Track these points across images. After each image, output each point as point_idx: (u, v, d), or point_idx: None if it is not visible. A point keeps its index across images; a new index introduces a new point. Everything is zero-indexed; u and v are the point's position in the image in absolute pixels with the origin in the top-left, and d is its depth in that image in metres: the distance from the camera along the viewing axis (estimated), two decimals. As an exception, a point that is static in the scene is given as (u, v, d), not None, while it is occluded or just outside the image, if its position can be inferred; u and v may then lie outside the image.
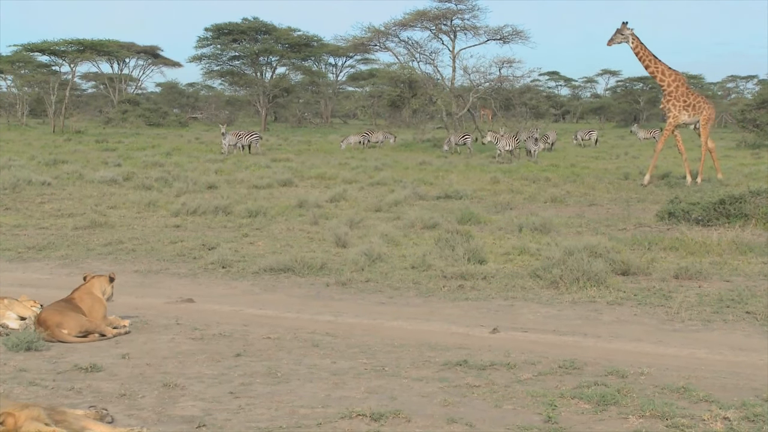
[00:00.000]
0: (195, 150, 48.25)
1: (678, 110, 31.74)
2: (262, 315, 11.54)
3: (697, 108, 31.80)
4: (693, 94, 32.24)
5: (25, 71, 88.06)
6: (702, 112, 31.79)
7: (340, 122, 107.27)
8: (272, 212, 21.32)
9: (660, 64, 31.90)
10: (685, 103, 31.77)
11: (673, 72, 32.08)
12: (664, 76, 31.91)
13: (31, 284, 13.30)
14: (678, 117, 31.67)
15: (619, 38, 32.77)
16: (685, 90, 31.96)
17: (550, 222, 18.93)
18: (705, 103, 32.17)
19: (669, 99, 32.08)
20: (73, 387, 8.15)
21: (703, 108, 31.85)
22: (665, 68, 32.00)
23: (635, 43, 32.24)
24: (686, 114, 31.73)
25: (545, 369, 8.89)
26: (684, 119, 31.87)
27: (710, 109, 32.14)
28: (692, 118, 31.90)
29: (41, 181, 27.06)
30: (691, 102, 31.81)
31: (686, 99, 31.80)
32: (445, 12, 61.85)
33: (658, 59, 32.02)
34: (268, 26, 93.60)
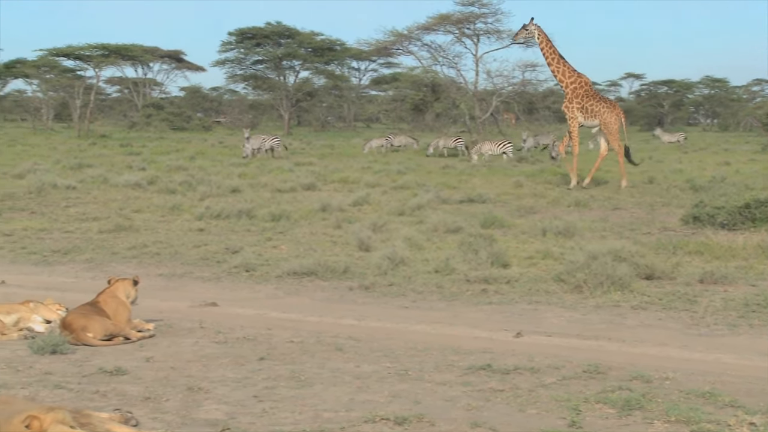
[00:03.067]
0: (219, 154, 48.40)
1: (573, 113, 31.83)
2: (285, 318, 11.55)
3: (592, 112, 31.79)
4: (593, 98, 32.11)
5: (50, 76, 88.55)
6: (600, 117, 31.75)
7: (363, 126, 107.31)
8: (295, 216, 21.34)
9: (562, 65, 31.96)
10: (579, 106, 31.82)
11: (574, 74, 32.10)
12: (563, 77, 32.01)
13: (56, 288, 13.36)
14: (576, 118, 31.74)
15: (523, 33, 33.35)
16: (584, 93, 31.95)
17: (574, 226, 18.87)
18: (605, 107, 31.97)
19: (565, 101, 32.39)
20: (98, 390, 8.18)
21: (602, 113, 31.70)
22: (567, 69, 32.03)
23: (540, 39, 32.52)
24: (581, 116, 31.73)
25: (569, 373, 8.87)
26: (580, 122, 31.92)
27: (610, 114, 31.78)
28: (589, 121, 32.00)
29: (66, 185, 27.19)
30: (586, 105, 31.83)
31: (581, 102, 31.84)
32: (468, 16, 61.74)
33: (563, 59, 32.12)
34: (292, 30, 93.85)
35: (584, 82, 32.10)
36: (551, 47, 32.27)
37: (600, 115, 31.72)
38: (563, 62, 32.21)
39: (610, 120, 31.74)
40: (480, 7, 61.87)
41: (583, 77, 32.32)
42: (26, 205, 23.61)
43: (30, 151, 47.51)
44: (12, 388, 8.20)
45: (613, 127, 31.78)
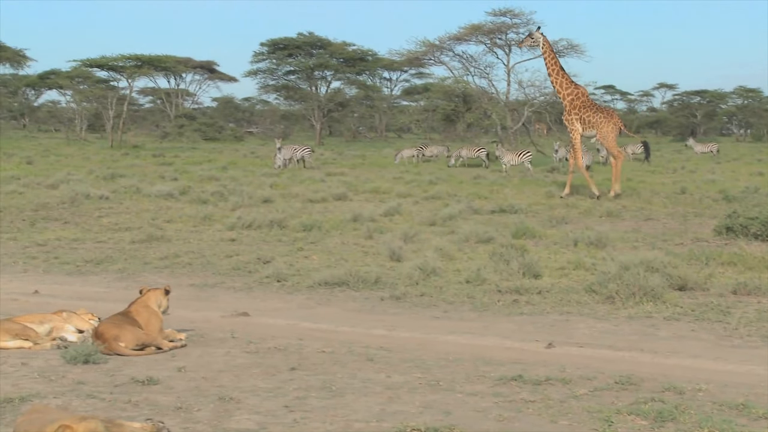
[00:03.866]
0: (250, 164, 48.56)
1: (573, 124, 32.15)
2: (316, 329, 11.56)
3: (589, 123, 31.99)
4: (590, 109, 32.27)
5: (84, 86, 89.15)
6: (597, 128, 31.93)
7: (395, 136, 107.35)
8: (327, 226, 21.37)
9: (561, 77, 32.35)
10: (578, 117, 32.05)
11: (572, 85, 32.50)
12: (561, 89, 32.41)
13: (89, 297, 13.44)
14: (577, 129, 31.93)
15: (529, 41, 33.86)
16: (581, 104, 32.18)
17: (606, 236, 18.79)
18: (602, 117, 32.12)
19: (564, 114, 32.70)
20: (130, 400, 8.21)
21: (599, 123, 31.88)
22: (564, 81, 32.42)
23: (544, 49, 32.84)
24: (581, 127, 31.89)
25: (601, 384, 8.82)
26: (580, 132, 32.11)
27: (607, 124, 31.91)
28: (587, 132, 32.16)
29: (99, 195, 27.36)
30: (584, 116, 32.04)
31: (579, 113, 32.06)
32: (500, 26, 61.80)
33: (563, 71, 32.61)
34: (323, 41, 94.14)
35: (581, 93, 32.50)
36: (554, 58, 32.71)
37: (597, 125, 31.97)
38: (562, 74, 32.71)
39: (606, 129, 31.94)
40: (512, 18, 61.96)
41: (580, 88, 32.81)
42: (60, 215, 23.78)
43: (63, 162, 47.88)
44: (45, 397, 8.25)
45: (610, 136, 32.01)
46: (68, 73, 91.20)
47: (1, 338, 10.00)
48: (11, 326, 10.14)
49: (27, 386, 8.59)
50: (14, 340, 10.03)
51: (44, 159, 50.11)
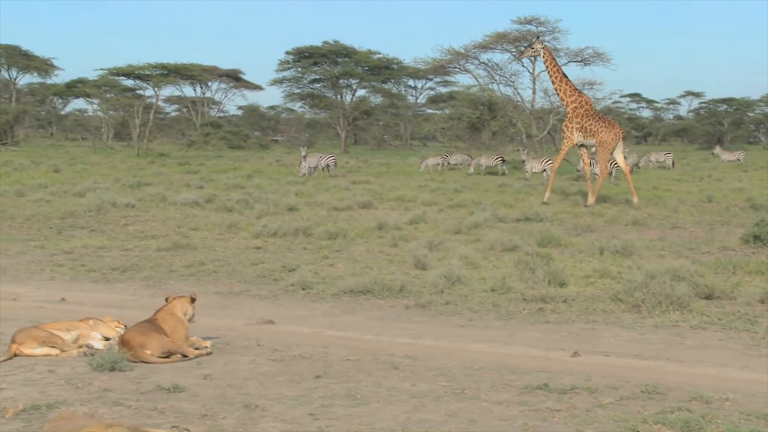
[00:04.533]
0: (276, 172, 48.68)
1: (571, 131, 32.37)
2: (341, 337, 11.56)
3: (590, 131, 32.07)
4: (592, 118, 32.34)
5: (110, 95, 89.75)
6: (597, 136, 31.99)
7: (420, 144, 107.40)
8: (352, 234, 21.38)
9: (565, 84, 32.56)
10: (579, 125, 32.20)
11: (575, 93, 32.67)
12: (565, 96, 32.60)
13: (115, 305, 13.49)
14: (571, 138, 31.98)
15: (530, 51, 34.22)
16: (584, 112, 32.31)
17: (632, 245, 18.71)
18: (603, 126, 32.15)
19: (566, 120, 32.88)
20: (156, 407, 8.23)
21: (599, 132, 31.94)
22: (568, 89, 32.64)
23: (546, 58, 33.12)
24: (580, 135, 32.20)
25: (627, 393, 8.78)
26: (578, 140, 32.35)
27: (608, 133, 31.93)
28: (587, 140, 32.28)
29: (125, 203, 27.49)
30: (585, 125, 32.14)
31: (581, 121, 32.21)
32: (526, 34, 61.77)
33: (566, 78, 32.85)
34: (349, 49, 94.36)
35: (585, 102, 32.70)
36: (556, 66, 32.96)
37: (597, 134, 32.05)
38: (566, 81, 32.93)
39: (607, 139, 31.98)
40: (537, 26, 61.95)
41: (583, 96, 33.04)
42: (86, 223, 23.90)
43: (90, 170, 48.13)
44: (72, 404, 8.28)
45: (608, 146, 32.05)
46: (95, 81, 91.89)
47: (29, 346, 10.05)
48: (38, 334, 10.19)
49: (54, 393, 8.63)
50: (41, 348, 10.08)
51: (71, 167, 50.38)
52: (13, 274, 16.44)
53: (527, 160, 45.96)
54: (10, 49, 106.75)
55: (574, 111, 32.24)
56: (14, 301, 13.75)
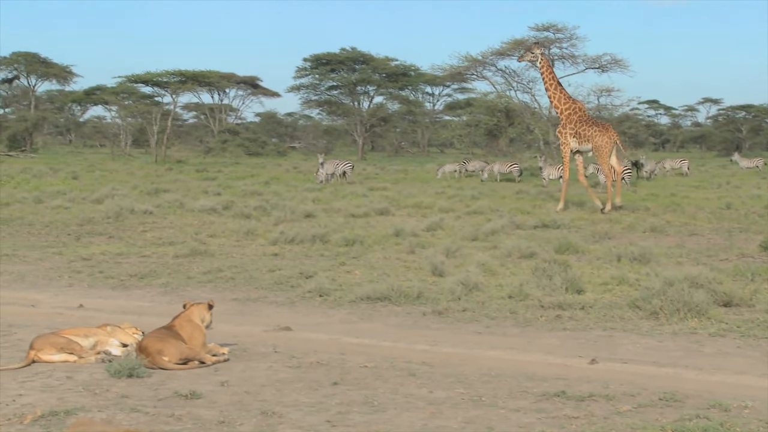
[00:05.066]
0: (293, 179, 48.77)
1: (565, 137, 32.53)
2: (358, 343, 11.55)
3: (585, 137, 32.21)
4: (586, 123, 32.46)
5: (128, 102, 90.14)
6: (592, 141, 32.15)
7: (437, 151, 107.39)
8: (369, 241, 21.37)
9: (558, 91, 32.92)
10: (573, 132, 32.37)
11: (569, 100, 33.01)
12: (558, 103, 32.86)
13: (133, 311, 13.52)
14: (568, 144, 32.30)
15: (528, 56, 34.45)
16: (577, 118, 32.47)
17: (650, 252, 18.65)
18: (598, 131, 32.27)
19: (559, 127, 33.01)
20: (174, 414, 8.25)
21: (594, 136, 32.09)
22: (562, 96, 33.00)
23: (542, 64, 33.53)
24: (575, 141, 32.35)
25: (645, 401, 8.75)
26: (574, 147, 32.50)
27: (602, 137, 32.08)
28: (582, 146, 32.42)
29: (143, 209, 27.56)
30: (579, 131, 32.28)
31: (575, 127, 32.37)
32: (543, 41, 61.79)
33: (560, 85, 33.31)
34: (366, 56, 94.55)
35: (578, 108, 33.00)
36: (551, 73, 33.34)
37: (592, 139, 32.21)
38: (560, 89, 33.28)
39: (601, 143, 32.10)
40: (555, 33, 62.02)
41: (577, 103, 33.33)
42: (104, 229, 23.97)
43: (108, 177, 48.31)
44: (89, 410, 8.31)
45: (604, 150, 32.15)
46: (113, 88, 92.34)
47: (47, 352, 10.09)
48: (56, 340, 10.23)
49: (72, 400, 8.66)
50: (59, 354, 10.12)
51: (89, 174, 50.58)
52: (31, 281, 16.50)
53: (544, 166, 45.93)
54: (30, 56, 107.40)
55: (568, 117, 32.48)
56: (33, 308, 13.80)
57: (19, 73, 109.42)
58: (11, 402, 8.56)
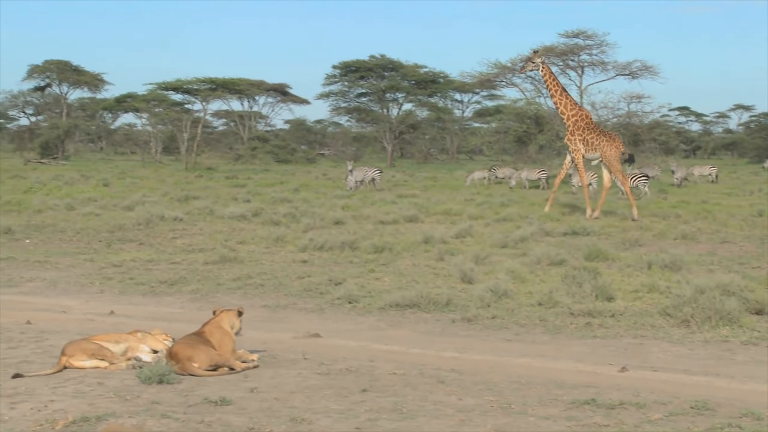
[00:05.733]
0: (322, 186, 48.82)
1: (575, 144, 32.62)
2: (387, 350, 11.55)
3: (593, 145, 32.35)
4: (593, 132, 32.60)
5: (159, 109, 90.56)
6: (600, 150, 32.32)
7: (466, 158, 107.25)
8: (398, 248, 21.36)
9: (564, 98, 32.98)
10: (581, 138, 32.48)
11: (575, 107, 33.13)
12: (565, 110, 32.88)
13: (163, 318, 13.58)
14: (579, 150, 32.57)
15: (530, 66, 34.47)
16: (584, 125, 32.56)
17: (681, 259, 18.54)
18: (606, 141, 32.42)
19: (567, 134, 33.03)
20: (203, 420, 8.27)
21: (602, 146, 32.26)
22: (569, 102, 33.04)
23: (544, 72, 33.45)
24: (583, 149, 32.45)
25: (676, 409, 8.70)
26: (583, 154, 32.63)
27: (610, 147, 32.28)
28: (590, 154, 32.56)
29: (173, 216, 27.68)
30: (587, 138, 32.40)
31: (582, 134, 32.46)
32: (573, 47, 61.63)
33: (565, 92, 33.43)
34: (395, 63, 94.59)
35: (585, 115, 33.17)
36: (555, 80, 33.48)
37: (600, 149, 32.39)
38: (566, 95, 33.34)
39: (610, 153, 32.33)
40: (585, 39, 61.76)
41: (583, 110, 33.54)
42: (135, 236, 24.09)
43: (139, 184, 48.55)
44: (120, 416, 8.34)
45: (614, 159, 32.40)
46: (144, 96, 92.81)
47: (79, 358, 10.14)
48: (88, 346, 10.28)
49: (103, 406, 8.70)
50: (90, 360, 10.17)
51: (120, 181, 50.87)
52: (63, 287, 16.60)
53: (574, 173, 45.75)
54: (62, 64, 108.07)
55: (576, 124, 32.61)
56: (64, 314, 13.89)
57: (52, 81, 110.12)
58: (43, 407, 8.61)
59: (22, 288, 16.55)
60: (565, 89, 33.40)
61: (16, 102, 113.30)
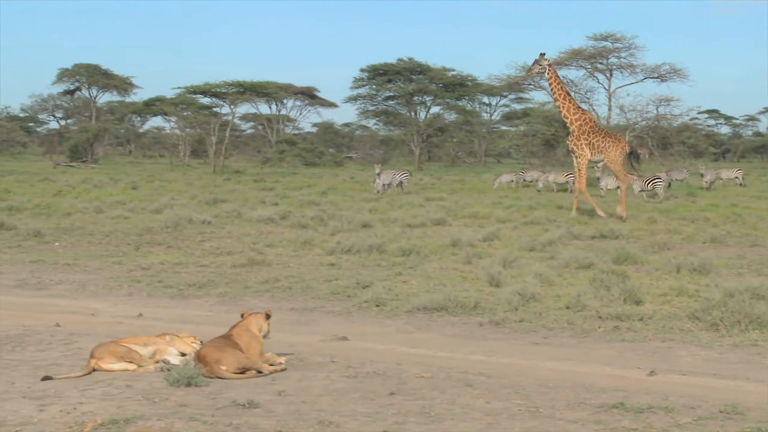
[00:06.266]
0: (350, 189, 48.86)
1: (581, 148, 32.80)
2: (415, 354, 11.55)
3: (598, 148, 32.64)
4: (598, 135, 32.90)
5: (187, 113, 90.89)
6: (605, 152, 32.63)
7: (494, 161, 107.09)
8: (425, 251, 21.35)
9: (568, 102, 33.31)
10: (587, 142, 32.66)
11: (579, 110, 33.37)
12: (569, 113, 33.13)
13: (191, 321, 13.62)
14: (585, 155, 32.77)
15: (536, 68, 34.61)
16: (589, 129, 32.81)
17: (710, 263, 18.44)
18: (611, 142, 32.74)
19: (572, 138, 33.18)
20: (231, 423, 8.29)
21: (608, 148, 32.58)
22: (572, 106, 33.41)
23: (550, 74, 33.64)
24: (588, 152, 32.64)
25: (705, 413, 8.65)
26: (588, 157, 32.79)
27: (615, 149, 32.63)
28: (595, 156, 32.82)
29: (201, 219, 27.76)
30: (593, 141, 32.63)
31: (588, 137, 32.66)
32: (601, 51, 61.39)
33: (569, 96, 33.74)
34: (423, 66, 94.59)
35: (589, 119, 33.51)
36: (559, 83, 33.75)
37: (605, 151, 32.70)
38: (569, 99, 33.68)
39: (614, 154, 32.76)
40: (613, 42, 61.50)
41: (587, 114, 33.76)
42: (163, 239, 24.18)
43: (167, 187, 48.74)
44: (149, 419, 8.38)
45: (617, 160, 32.84)
46: (173, 99, 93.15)
47: (107, 360, 10.19)
48: (116, 349, 10.33)
49: (131, 408, 8.74)
50: (119, 363, 10.22)
51: (149, 184, 51.08)
52: (92, 290, 16.69)
53: (602, 176, 45.62)
54: (91, 68, 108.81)
55: (580, 128, 32.94)
56: (93, 317, 13.96)
57: (81, 85, 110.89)
58: (72, 410, 8.66)
59: (51, 291, 16.66)
60: (569, 93, 33.66)
61: (46, 106, 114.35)
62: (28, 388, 9.46)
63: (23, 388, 9.46)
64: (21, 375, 10.02)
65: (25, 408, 8.72)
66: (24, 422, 8.29)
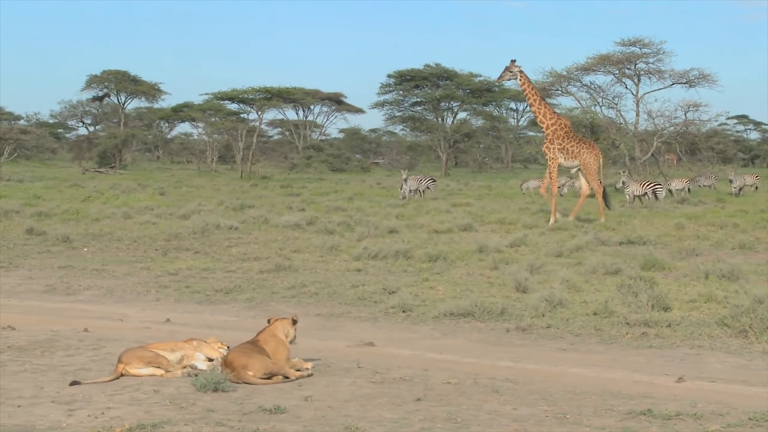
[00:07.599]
0: (376, 195, 48.88)
1: (553, 153, 32.68)
2: (441, 359, 11.54)
3: (573, 153, 32.57)
4: (573, 140, 32.82)
5: (215, 119, 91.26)
6: (579, 158, 32.59)
7: (521, 167, 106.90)
8: (452, 257, 21.31)
9: (543, 107, 33.43)
10: (560, 147, 32.60)
11: (554, 115, 33.22)
12: (544, 119, 33.30)
13: (218, 326, 13.66)
14: (556, 159, 32.58)
15: (507, 75, 34.67)
16: (564, 134, 32.71)
17: (739, 269, 18.32)
18: (586, 149, 32.69)
19: (545, 142, 33.22)
20: (258, 428, 8.31)
21: (582, 154, 32.52)
22: (547, 111, 33.22)
23: (522, 81, 33.46)
24: (562, 157, 32.65)
25: (734, 421, 8.60)
26: (561, 162, 32.79)
27: (590, 155, 32.59)
28: (569, 162, 32.80)
29: (229, 225, 27.84)
30: (567, 147, 32.57)
31: (562, 143, 32.59)
32: (629, 56, 61.25)
33: (543, 101, 33.97)
34: (450, 72, 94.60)
35: (564, 124, 33.44)
36: (533, 89, 33.74)
37: (580, 156, 32.69)
38: (544, 104, 33.61)
39: (589, 160, 32.71)
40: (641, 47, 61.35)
41: (562, 119, 33.70)
42: (191, 245, 24.26)
43: (195, 193, 48.93)
44: (176, 424, 8.41)
45: (592, 167, 32.78)
46: (200, 105, 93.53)
47: (135, 366, 10.24)
48: (144, 354, 10.38)
49: (159, 413, 8.77)
50: (147, 368, 10.26)
51: (176, 190, 51.29)
52: (119, 295, 16.77)
53: (628, 183, 45.45)
54: (119, 74, 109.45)
55: (555, 133, 32.96)
56: (121, 322, 14.02)
57: (110, 91, 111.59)
58: (100, 415, 8.70)
59: (79, 296, 16.74)
60: (544, 98, 34.10)
61: (75, 112, 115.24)
62: (56, 392, 9.52)
63: (52, 392, 9.52)
64: (50, 380, 10.09)
65: (54, 413, 8.78)
66: (53, 427, 8.34)
